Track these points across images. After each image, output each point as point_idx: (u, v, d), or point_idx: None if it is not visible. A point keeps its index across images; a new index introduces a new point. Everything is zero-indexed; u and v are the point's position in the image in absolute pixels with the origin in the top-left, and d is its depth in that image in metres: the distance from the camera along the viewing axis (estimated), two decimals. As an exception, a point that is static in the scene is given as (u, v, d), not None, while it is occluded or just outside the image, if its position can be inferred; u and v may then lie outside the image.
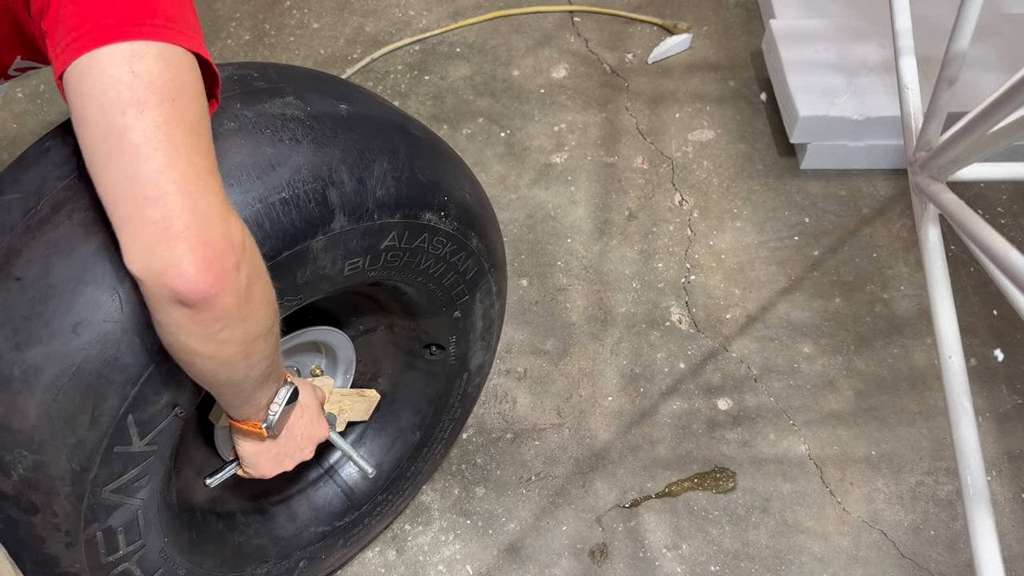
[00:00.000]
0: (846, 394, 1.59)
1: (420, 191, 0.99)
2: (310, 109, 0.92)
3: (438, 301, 1.13)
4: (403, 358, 1.25)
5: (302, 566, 1.24)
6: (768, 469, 1.50)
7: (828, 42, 1.92)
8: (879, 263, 1.76)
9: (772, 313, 1.69)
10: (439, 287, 1.10)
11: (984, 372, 1.59)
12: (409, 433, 1.30)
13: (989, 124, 0.85)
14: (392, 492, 1.32)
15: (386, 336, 1.23)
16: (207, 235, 0.67)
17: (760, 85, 2.06)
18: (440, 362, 1.24)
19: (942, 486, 1.48)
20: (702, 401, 1.58)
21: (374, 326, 1.22)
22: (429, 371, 1.25)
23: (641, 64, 2.13)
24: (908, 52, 1.07)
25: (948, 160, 0.96)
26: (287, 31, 2.19)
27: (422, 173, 0.99)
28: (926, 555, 1.41)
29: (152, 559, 0.98)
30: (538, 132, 1.98)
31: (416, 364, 1.25)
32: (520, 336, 1.66)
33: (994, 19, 1.91)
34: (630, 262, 1.77)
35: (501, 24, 2.21)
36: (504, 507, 1.47)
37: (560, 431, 1.55)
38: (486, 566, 1.41)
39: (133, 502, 0.90)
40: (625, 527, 1.45)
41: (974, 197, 1.85)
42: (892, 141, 1.85)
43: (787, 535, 1.43)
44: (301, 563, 1.24)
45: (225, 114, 0.87)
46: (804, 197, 1.87)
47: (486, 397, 1.58)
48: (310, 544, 1.24)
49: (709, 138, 1.98)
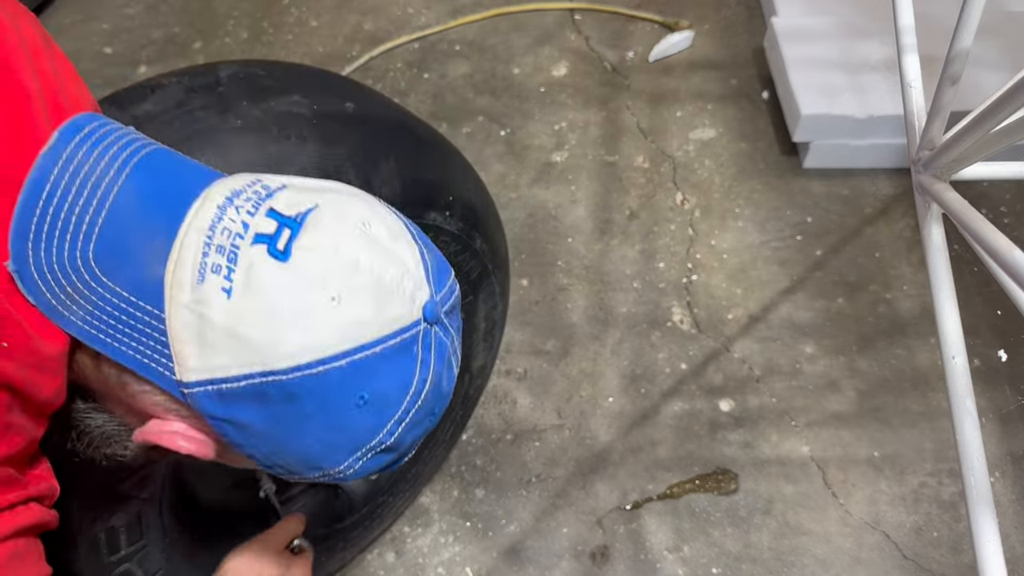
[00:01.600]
0: (848, 395, 1.58)
1: (425, 191, 0.98)
2: (316, 108, 0.91)
3: (439, 302, 1.12)
4: None
5: None
6: (770, 470, 1.49)
7: (830, 40, 1.91)
8: (882, 263, 1.75)
9: (774, 313, 1.68)
10: (442, 288, 1.10)
11: (987, 373, 1.58)
12: None
13: (992, 123, 0.84)
14: (392, 494, 1.32)
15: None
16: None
17: (762, 83, 2.05)
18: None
19: (945, 487, 1.47)
20: (704, 402, 1.57)
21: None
22: None
23: (642, 62, 2.12)
24: (911, 50, 1.06)
25: (951, 159, 0.95)
26: (285, 29, 2.18)
27: (427, 173, 0.99)
28: (929, 557, 1.40)
29: (154, 559, 0.97)
30: (538, 131, 1.98)
31: None
32: (520, 336, 1.66)
33: (997, 17, 1.89)
34: (631, 262, 1.76)
35: (501, 22, 2.21)
36: (504, 509, 1.46)
37: (560, 432, 1.54)
38: (486, 568, 1.40)
39: (134, 503, 0.90)
40: (626, 529, 1.44)
41: (977, 196, 1.84)
42: (895, 140, 1.84)
43: (789, 537, 1.42)
44: None
45: (231, 112, 0.86)
46: (806, 196, 1.86)
47: (486, 398, 1.58)
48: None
49: (711, 137, 1.97)
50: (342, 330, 0.57)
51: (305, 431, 0.59)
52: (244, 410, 0.57)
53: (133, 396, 0.61)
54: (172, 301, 0.56)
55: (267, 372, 0.56)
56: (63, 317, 0.57)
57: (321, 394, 0.57)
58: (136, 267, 0.57)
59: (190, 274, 0.56)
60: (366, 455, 0.62)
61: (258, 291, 0.56)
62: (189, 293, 0.56)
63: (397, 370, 0.60)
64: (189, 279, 0.56)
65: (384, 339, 0.58)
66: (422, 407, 0.62)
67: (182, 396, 0.58)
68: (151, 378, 0.58)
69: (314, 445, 0.60)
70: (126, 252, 0.57)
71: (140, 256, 0.57)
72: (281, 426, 0.58)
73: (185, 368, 0.56)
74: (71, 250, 0.56)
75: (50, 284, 0.56)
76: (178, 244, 0.57)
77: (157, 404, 0.60)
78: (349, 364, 0.57)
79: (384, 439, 0.61)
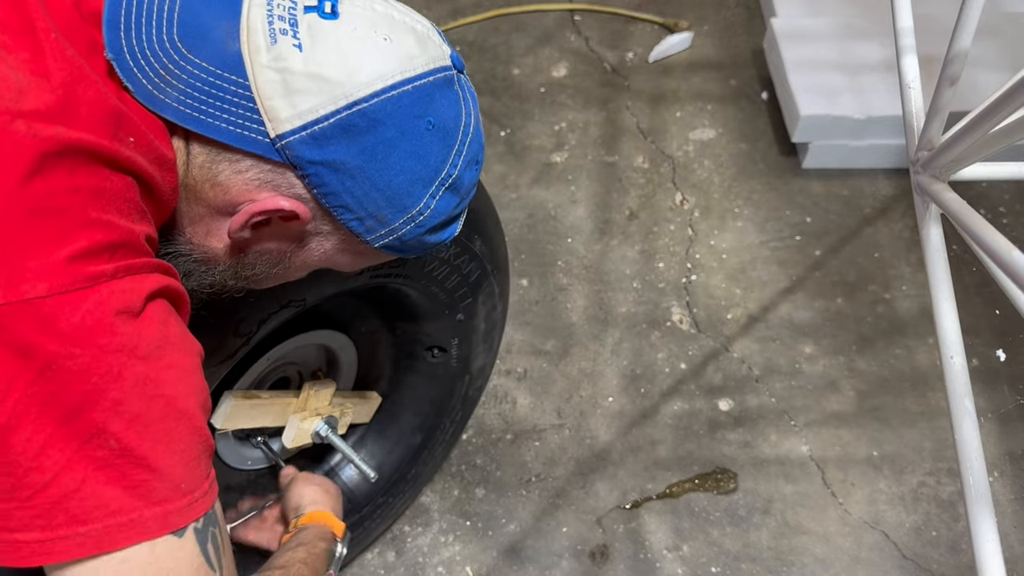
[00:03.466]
0: (848, 395, 1.58)
1: None
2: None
3: (441, 304, 1.13)
4: (405, 361, 1.24)
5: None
6: (769, 470, 1.50)
7: (830, 41, 1.91)
8: (881, 263, 1.75)
9: (773, 313, 1.69)
10: (442, 290, 1.10)
11: (986, 372, 1.59)
12: (410, 435, 1.29)
13: (991, 123, 0.84)
14: (392, 494, 1.32)
15: (388, 339, 1.23)
16: None
17: (761, 84, 2.06)
18: (442, 365, 1.23)
19: (944, 487, 1.48)
20: (703, 402, 1.57)
21: (376, 329, 1.21)
22: (431, 374, 1.24)
23: (642, 63, 2.12)
24: (910, 51, 1.07)
25: (950, 159, 0.95)
26: (287, 31, 2.18)
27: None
28: (928, 556, 1.41)
29: None
30: (538, 131, 1.98)
31: (418, 367, 1.24)
32: (520, 336, 1.66)
33: (996, 18, 1.90)
34: (631, 262, 1.76)
35: (501, 23, 2.21)
36: (504, 508, 1.46)
37: (560, 432, 1.55)
38: (486, 567, 1.40)
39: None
40: (626, 528, 1.44)
41: (976, 196, 1.85)
42: (894, 140, 1.84)
43: (788, 536, 1.43)
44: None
45: None
46: (806, 197, 1.86)
47: (486, 398, 1.58)
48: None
49: (710, 137, 1.97)
50: (400, 60, 0.67)
51: (390, 160, 0.68)
52: (337, 148, 0.66)
53: (225, 189, 0.68)
54: (253, 64, 0.65)
55: (351, 103, 0.65)
56: (159, 101, 0.64)
57: (398, 117, 0.67)
58: (215, 43, 0.65)
59: (263, 39, 0.65)
60: (438, 191, 0.72)
61: (324, 41, 0.66)
62: (266, 54, 0.64)
63: (448, 101, 0.70)
64: (263, 43, 0.65)
65: (432, 72, 0.69)
66: (472, 143, 0.73)
67: (278, 155, 0.66)
68: (246, 147, 0.65)
69: (398, 176, 0.69)
70: (203, 31, 0.65)
71: (215, 33, 0.66)
72: (370, 157, 0.67)
73: (278, 120, 0.65)
74: (158, 33, 0.65)
75: (143, 68, 0.64)
76: (244, 19, 0.66)
77: (249, 184, 0.68)
78: (414, 89, 0.67)
79: (450, 171, 0.72)
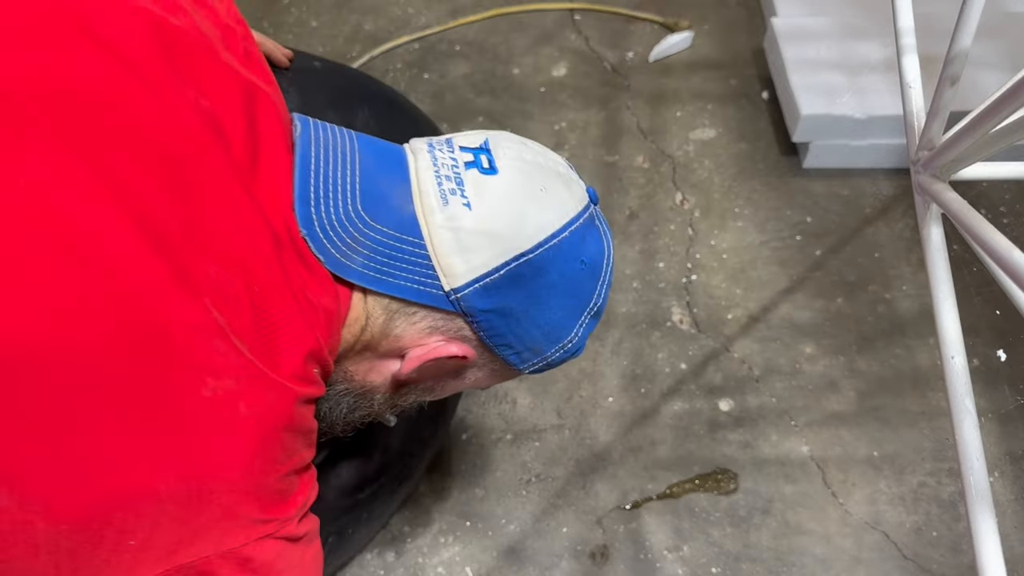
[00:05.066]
0: (848, 395, 1.58)
1: None
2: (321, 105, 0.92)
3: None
4: None
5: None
6: (770, 470, 1.49)
7: (830, 40, 1.91)
8: (881, 263, 1.75)
9: (774, 313, 1.68)
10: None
11: (987, 373, 1.59)
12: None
13: (992, 123, 0.84)
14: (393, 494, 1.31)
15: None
16: None
17: (762, 83, 2.05)
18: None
19: (944, 487, 1.48)
20: (703, 402, 1.57)
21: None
22: None
23: (642, 62, 2.12)
24: (910, 50, 1.07)
25: (951, 159, 0.95)
26: (285, 29, 2.18)
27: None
28: (928, 556, 1.40)
29: None
30: (538, 131, 1.98)
31: None
32: (520, 336, 1.66)
33: (997, 17, 1.90)
34: (631, 262, 1.76)
35: (501, 22, 2.21)
36: (504, 508, 1.46)
37: (560, 432, 1.55)
38: (486, 568, 1.40)
39: None
40: (626, 528, 1.44)
41: (977, 196, 1.84)
42: (894, 140, 1.84)
43: (789, 536, 1.43)
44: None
45: None
46: (806, 196, 1.86)
47: (486, 398, 1.58)
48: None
49: (710, 137, 1.97)
50: (556, 210, 0.74)
51: (551, 301, 0.75)
52: (505, 296, 0.72)
53: (397, 338, 0.74)
54: (429, 224, 0.70)
55: (519, 255, 0.71)
56: (347, 268, 0.69)
57: (559, 263, 0.74)
58: (393, 209, 0.71)
59: (435, 200, 0.71)
60: (586, 319, 0.79)
61: (491, 198, 0.71)
62: (440, 214, 0.70)
63: (594, 238, 0.78)
64: (436, 204, 0.70)
65: (580, 215, 0.76)
66: (612, 271, 0.81)
67: (452, 305, 0.72)
68: (423, 301, 0.72)
69: (557, 312, 0.76)
70: (382, 199, 0.71)
71: (392, 200, 0.71)
72: (534, 301, 0.74)
73: (454, 276, 0.71)
74: (344, 205, 0.70)
75: (332, 239, 0.69)
76: (415, 183, 0.72)
77: (420, 332, 0.74)
78: (570, 234, 0.74)
79: (596, 301, 0.79)
